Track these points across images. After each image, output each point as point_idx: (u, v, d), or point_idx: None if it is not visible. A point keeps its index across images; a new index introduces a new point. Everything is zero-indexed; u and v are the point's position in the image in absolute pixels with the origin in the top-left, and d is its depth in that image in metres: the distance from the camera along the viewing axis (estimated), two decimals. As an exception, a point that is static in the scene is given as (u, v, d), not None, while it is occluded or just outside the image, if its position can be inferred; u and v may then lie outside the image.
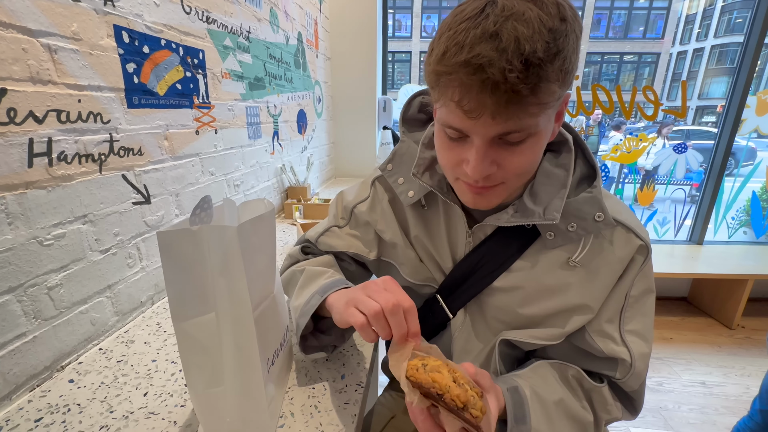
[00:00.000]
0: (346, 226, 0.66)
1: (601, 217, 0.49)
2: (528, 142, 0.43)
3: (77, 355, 0.64)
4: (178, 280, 0.39)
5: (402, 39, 16.22)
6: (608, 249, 0.51)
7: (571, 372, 0.55)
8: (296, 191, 1.59)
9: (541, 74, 0.36)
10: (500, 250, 0.55)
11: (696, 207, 2.69)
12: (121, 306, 0.73)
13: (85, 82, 0.63)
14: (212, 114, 1.02)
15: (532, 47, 0.35)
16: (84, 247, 0.65)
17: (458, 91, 0.38)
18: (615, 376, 0.53)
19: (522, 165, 0.44)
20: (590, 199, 0.50)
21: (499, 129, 0.40)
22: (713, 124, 8.24)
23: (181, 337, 0.41)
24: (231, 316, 0.40)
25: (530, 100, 0.37)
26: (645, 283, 0.54)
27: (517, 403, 0.48)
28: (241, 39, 1.17)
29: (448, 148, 0.46)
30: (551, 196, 0.50)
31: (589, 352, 0.54)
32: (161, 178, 0.83)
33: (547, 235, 0.52)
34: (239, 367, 0.42)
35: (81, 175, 0.63)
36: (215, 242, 0.38)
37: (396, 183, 0.60)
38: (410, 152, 0.59)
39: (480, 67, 0.36)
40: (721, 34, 16.90)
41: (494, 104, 0.37)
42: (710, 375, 1.95)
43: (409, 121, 0.63)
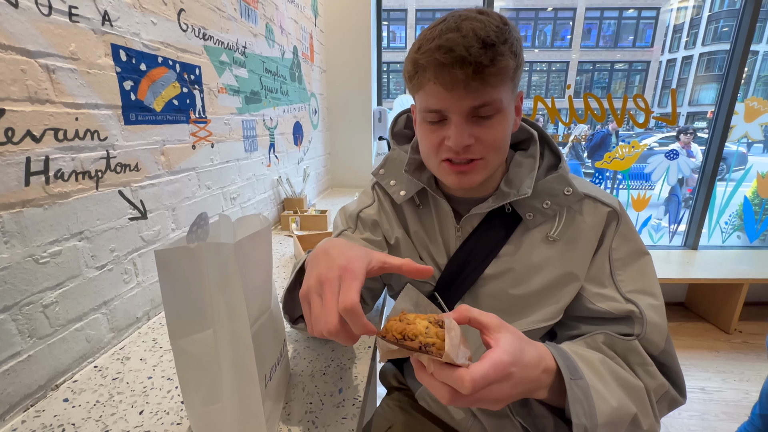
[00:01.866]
0: (356, 231, 0.69)
1: (570, 191, 0.56)
2: (496, 118, 0.51)
3: (72, 373, 0.63)
4: (176, 298, 0.39)
5: (397, 50, 16.45)
6: (580, 219, 0.57)
7: (600, 339, 0.53)
8: (293, 203, 1.60)
9: (497, 50, 0.46)
10: (488, 239, 0.60)
11: (690, 212, 2.72)
12: (116, 322, 0.73)
13: (83, 100, 0.64)
14: (209, 128, 1.03)
15: (486, 33, 0.46)
16: (80, 263, 0.65)
17: (435, 71, 0.47)
18: (635, 332, 0.51)
19: (495, 138, 0.52)
20: (558, 177, 0.57)
21: (471, 101, 0.48)
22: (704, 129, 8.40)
23: (178, 354, 0.41)
24: (229, 332, 0.40)
25: (491, 70, 0.46)
26: (629, 245, 0.57)
27: (564, 355, 0.44)
28: (237, 54, 1.18)
29: (429, 131, 0.54)
30: (522, 179, 0.58)
31: (599, 317, 0.55)
32: (158, 193, 0.83)
33: (527, 216, 0.58)
34: (237, 383, 0.42)
35: (78, 192, 0.63)
36: (212, 259, 0.38)
37: (388, 185, 0.66)
38: (400, 158, 0.66)
39: (450, 49, 0.46)
40: (709, 43, 17.28)
41: (463, 75, 0.46)
42: (709, 381, 1.95)
43: (396, 136, 0.71)
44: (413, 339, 0.35)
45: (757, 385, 1.89)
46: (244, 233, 0.43)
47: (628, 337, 0.52)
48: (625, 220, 0.57)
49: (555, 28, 16.58)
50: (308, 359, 0.67)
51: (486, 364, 0.34)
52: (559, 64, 16.93)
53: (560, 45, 16.65)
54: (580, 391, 0.41)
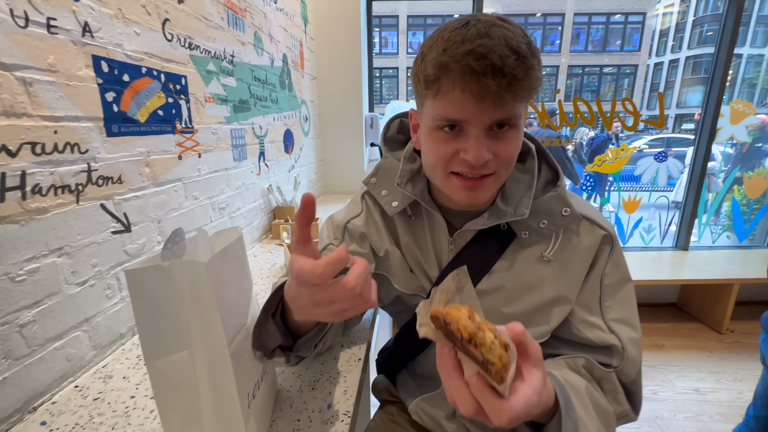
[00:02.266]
0: (341, 244, 0.65)
1: (567, 212, 0.55)
2: (511, 133, 0.49)
3: (51, 394, 0.61)
4: (149, 318, 0.38)
5: (389, 56, 16.55)
6: (576, 241, 0.56)
7: (580, 362, 0.55)
8: (284, 211, 1.58)
9: (528, 63, 0.44)
10: (481, 254, 0.59)
11: (679, 214, 2.75)
12: (99, 339, 0.71)
13: (62, 113, 0.62)
14: (195, 138, 1.02)
15: (517, 44, 0.43)
16: (59, 280, 0.63)
17: (463, 78, 0.44)
18: (613, 364, 0.54)
19: (511, 153, 0.50)
20: (556, 196, 0.56)
21: (496, 115, 0.46)
22: (692, 131, 8.56)
23: (154, 377, 0.39)
24: (206, 352, 0.39)
25: (523, 84, 0.44)
26: (618, 272, 0.57)
27: (561, 388, 0.45)
28: (225, 63, 1.18)
29: (442, 142, 0.50)
30: (519, 196, 0.56)
31: (582, 343, 0.56)
32: (142, 206, 0.82)
33: (522, 234, 0.56)
34: (217, 405, 0.41)
35: (57, 207, 0.62)
36: (186, 278, 0.37)
37: (380, 195, 0.63)
38: (393, 167, 0.63)
39: (483, 55, 0.42)
40: (694, 46, 17.64)
41: (496, 86, 0.43)
42: (703, 381, 1.96)
43: (389, 141, 0.68)
44: (477, 347, 0.33)
45: (751, 384, 1.90)
46: (220, 248, 0.42)
47: (607, 369, 0.54)
48: (617, 246, 0.57)
49: (544, 33, 16.82)
50: (296, 373, 0.66)
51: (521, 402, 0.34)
52: (549, 68, 17.15)
53: (550, 50, 16.88)
54: (571, 424, 0.42)
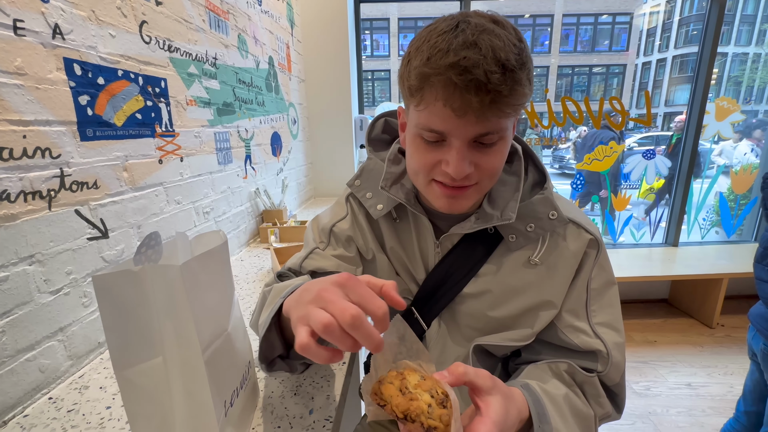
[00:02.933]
0: (328, 247, 0.65)
1: (554, 215, 0.54)
2: (498, 145, 0.47)
3: (23, 407, 0.59)
4: (119, 326, 0.36)
5: (380, 58, 16.59)
6: (563, 245, 0.55)
7: (563, 367, 0.54)
8: (272, 214, 1.57)
9: (515, 78, 0.41)
10: (467, 257, 0.58)
11: (669, 211, 2.78)
12: (75, 349, 0.69)
13: (31, 117, 0.61)
14: (177, 142, 1.00)
15: (506, 56, 0.40)
16: (31, 289, 0.61)
17: (445, 92, 0.42)
18: (597, 369, 0.54)
19: (494, 166, 0.49)
20: (543, 200, 0.55)
21: (479, 129, 0.44)
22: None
23: (124, 387, 0.38)
24: (179, 360, 0.38)
25: (508, 101, 0.42)
26: (603, 276, 0.57)
27: (535, 399, 0.45)
28: (207, 66, 1.16)
29: (424, 151, 0.49)
30: (507, 199, 0.55)
31: (567, 348, 0.56)
32: (120, 211, 0.80)
33: (509, 237, 0.56)
34: (191, 414, 0.40)
35: (27, 213, 0.60)
36: (159, 283, 0.36)
37: (364, 197, 0.62)
38: (377, 168, 0.62)
39: (466, 69, 0.40)
40: (681, 45, 17.93)
41: (479, 103, 0.41)
42: (695, 376, 1.97)
43: (373, 142, 0.67)
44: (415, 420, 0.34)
45: (741, 378, 1.91)
46: (199, 252, 0.41)
47: (589, 374, 0.54)
48: (603, 250, 0.56)
49: (534, 35, 16.99)
50: (279, 379, 0.65)
51: None
52: (539, 69, 17.31)
53: (539, 50, 17.05)
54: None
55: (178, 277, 0.36)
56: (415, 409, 0.34)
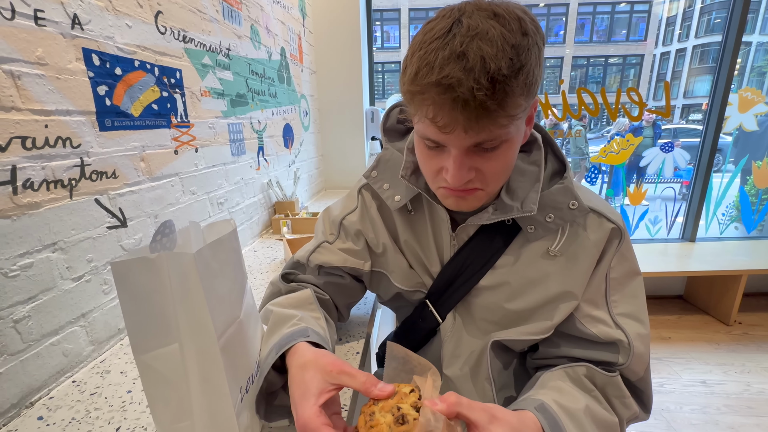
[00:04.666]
0: (337, 240, 0.64)
1: (575, 205, 0.52)
2: (502, 148, 0.45)
3: (48, 389, 0.61)
4: (137, 311, 0.37)
5: (391, 50, 16.43)
6: (583, 235, 0.54)
7: (581, 371, 0.52)
8: (284, 206, 1.58)
9: (507, 89, 0.39)
10: (484, 249, 0.57)
11: (686, 204, 2.71)
12: (96, 335, 0.71)
13: (53, 107, 0.62)
14: (192, 133, 1.01)
15: (497, 65, 0.37)
16: (54, 276, 0.62)
17: (431, 109, 0.41)
18: (619, 361, 0.52)
19: (498, 169, 0.47)
20: (563, 189, 0.53)
21: (472, 140, 0.43)
22: (699, 121, 8.39)
23: (143, 371, 0.39)
24: (195, 346, 0.38)
25: (498, 114, 0.40)
26: (625, 265, 0.55)
27: (551, 421, 0.43)
28: (221, 57, 1.16)
29: (428, 157, 0.49)
30: (527, 190, 0.53)
31: (586, 339, 0.54)
32: (138, 201, 0.81)
33: (528, 228, 0.54)
34: (207, 399, 0.40)
35: (49, 201, 0.61)
36: (174, 270, 0.36)
37: (381, 189, 0.61)
38: (394, 159, 0.61)
39: (450, 87, 0.38)
40: (702, 35, 17.31)
41: (465, 120, 0.40)
42: (710, 373, 1.94)
43: (389, 132, 0.65)
44: None
45: (759, 377, 1.88)
46: (212, 240, 0.41)
47: (610, 374, 0.52)
48: (626, 239, 0.54)
49: (548, 24, 16.59)
50: (294, 367, 0.65)
51: None
52: (553, 60, 16.94)
53: (554, 41, 16.66)
54: None
55: (192, 264, 0.36)
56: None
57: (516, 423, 0.39)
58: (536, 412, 0.44)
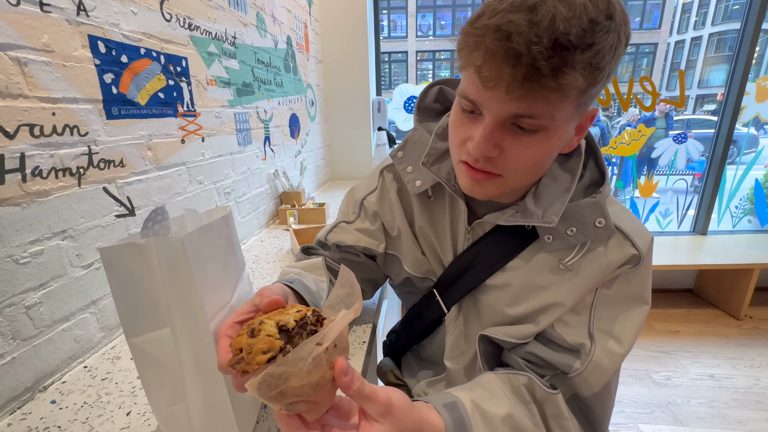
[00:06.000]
0: (357, 220, 0.66)
1: (602, 223, 0.48)
2: (539, 135, 0.41)
3: (61, 374, 0.62)
4: (127, 296, 0.38)
5: (397, 39, 16.19)
6: (600, 253, 0.50)
7: (522, 381, 0.50)
8: (290, 196, 1.58)
9: (567, 59, 0.35)
10: (497, 248, 0.55)
11: (699, 197, 2.66)
12: (106, 321, 0.72)
13: (60, 94, 0.61)
14: (198, 122, 1.01)
15: (565, 29, 0.34)
16: (64, 263, 0.63)
17: (481, 57, 0.38)
18: (574, 367, 0.49)
19: (525, 159, 0.43)
20: (593, 204, 0.48)
21: (511, 107, 0.39)
22: (713, 112, 8.17)
23: (136, 354, 0.39)
24: (186, 330, 0.38)
25: (549, 83, 0.36)
26: (628, 288, 0.51)
27: (457, 420, 0.41)
28: (227, 45, 1.15)
29: (459, 122, 0.46)
30: (553, 199, 0.49)
31: (551, 340, 0.52)
32: (146, 189, 0.81)
33: (545, 237, 0.51)
34: (201, 382, 0.41)
35: (58, 189, 0.62)
36: (163, 254, 0.36)
37: (405, 171, 0.59)
38: (422, 141, 0.59)
39: (507, 36, 0.35)
40: (719, 22, 16.78)
41: (511, 76, 0.36)
42: (719, 367, 1.92)
43: (423, 110, 0.62)
44: (256, 333, 0.32)
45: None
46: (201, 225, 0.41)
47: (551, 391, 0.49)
48: (642, 265, 0.50)
49: (559, 12, 16.18)
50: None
51: None
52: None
53: (565, 29, 16.26)
54: None
55: (181, 248, 0.35)
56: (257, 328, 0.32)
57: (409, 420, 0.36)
58: (443, 409, 0.42)
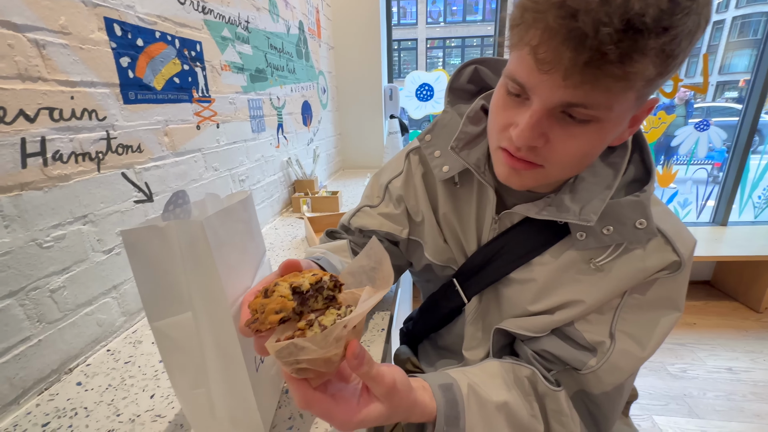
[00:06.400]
0: (381, 204, 0.65)
1: (643, 224, 0.44)
2: (590, 127, 0.37)
3: (85, 357, 0.63)
4: (148, 280, 0.37)
5: (407, 26, 15.89)
6: (638, 256, 0.46)
7: (526, 372, 0.49)
8: (303, 184, 1.57)
9: (639, 44, 0.31)
10: (524, 242, 0.52)
11: (719, 187, 2.58)
12: (127, 306, 0.72)
13: (78, 77, 0.61)
14: (213, 108, 1.00)
15: (641, 9, 0.30)
16: (86, 247, 0.63)
17: (538, 35, 0.34)
18: (588, 364, 0.47)
19: (571, 152, 0.39)
20: (635, 203, 0.44)
21: (565, 95, 0.35)
22: (735, 99, 7.86)
23: (158, 338, 0.39)
24: (207, 314, 0.38)
25: (614, 70, 0.32)
26: (661, 292, 0.47)
27: (450, 401, 0.41)
28: (240, 29, 1.13)
29: (502, 106, 0.42)
30: (592, 195, 0.45)
31: (567, 337, 0.50)
32: (163, 175, 0.81)
33: (578, 235, 0.47)
34: (223, 367, 0.40)
35: (78, 174, 0.62)
36: (183, 238, 0.35)
37: (432, 156, 0.57)
38: (452, 124, 0.56)
39: (573, 13, 0.31)
40: (743, 4, 16.07)
41: (571, 60, 0.32)
42: (737, 360, 1.88)
43: (456, 91, 0.58)
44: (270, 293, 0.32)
45: (789, 365, 1.82)
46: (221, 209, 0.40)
47: (554, 388, 0.47)
48: (681, 273, 0.46)
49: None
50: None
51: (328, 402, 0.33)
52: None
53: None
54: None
55: (201, 231, 0.35)
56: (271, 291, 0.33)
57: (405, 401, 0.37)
58: (438, 390, 0.42)
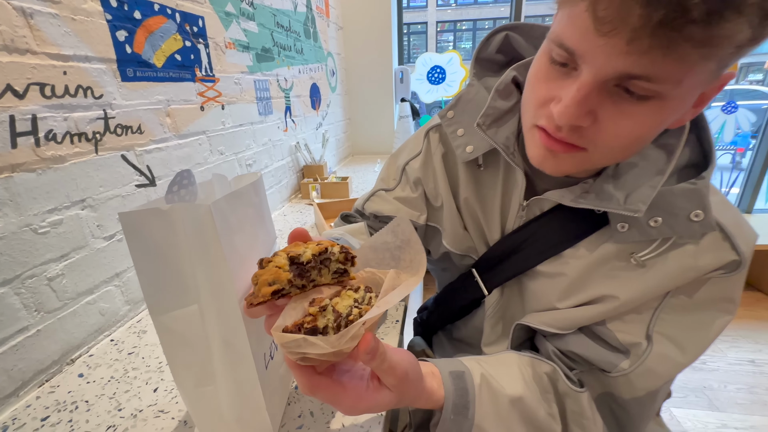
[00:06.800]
0: (397, 187, 0.60)
1: (699, 217, 0.37)
2: (649, 106, 0.31)
3: (88, 347, 0.61)
4: (150, 268, 0.33)
5: (417, 9, 15.48)
6: (688, 254, 0.39)
7: (546, 369, 0.45)
8: (312, 170, 1.52)
9: (731, 6, 0.24)
10: (555, 232, 0.46)
11: (745, 173, 2.46)
12: (131, 294, 0.70)
13: (70, 51, 0.57)
14: (217, 88, 0.95)
15: None
16: (85, 233, 0.60)
17: None
18: (620, 366, 0.42)
19: (622, 135, 0.33)
20: (691, 191, 0.37)
21: (626, 64, 0.29)
22: (759, 82, 7.49)
23: (161, 332, 0.35)
24: (214, 307, 0.34)
25: (696, 32, 0.25)
26: (713, 292, 0.41)
27: (460, 390, 0.39)
28: (245, 5, 1.08)
29: (544, 77, 0.36)
30: (640, 181, 0.39)
31: (598, 337, 0.45)
32: (166, 158, 0.77)
33: (618, 226, 0.41)
34: (230, 364, 0.37)
35: (74, 156, 0.58)
36: (190, 223, 0.31)
37: (454, 134, 0.51)
38: (477, 100, 0.50)
39: None
40: (772, -19, 15.24)
41: (641, 19, 0.26)
42: (760, 353, 1.82)
43: (483, 62, 0.51)
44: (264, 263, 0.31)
45: (816, 358, 1.75)
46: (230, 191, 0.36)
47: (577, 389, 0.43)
48: (738, 273, 0.40)
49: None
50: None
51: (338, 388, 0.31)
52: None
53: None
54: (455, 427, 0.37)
55: (209, 216, 0.31)
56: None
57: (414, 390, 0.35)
58: (448, 377, 0.40)
